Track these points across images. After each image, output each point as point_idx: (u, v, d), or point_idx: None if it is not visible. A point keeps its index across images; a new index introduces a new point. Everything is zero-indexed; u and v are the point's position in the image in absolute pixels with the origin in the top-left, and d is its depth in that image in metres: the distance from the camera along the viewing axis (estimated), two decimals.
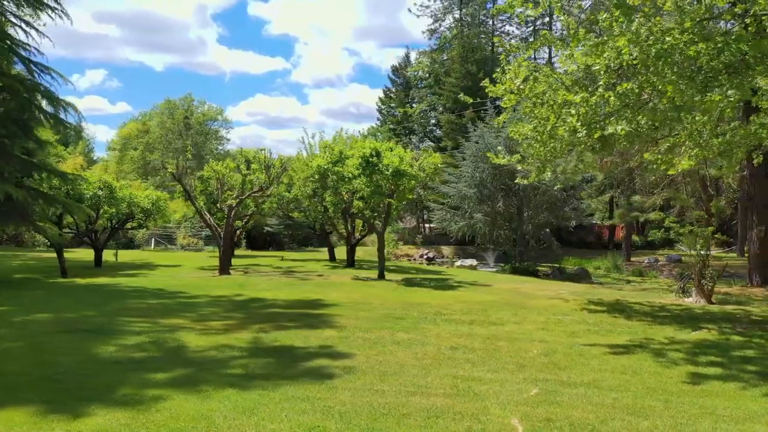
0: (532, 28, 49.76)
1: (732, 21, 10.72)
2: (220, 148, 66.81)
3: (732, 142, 12.23)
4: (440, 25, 52.15)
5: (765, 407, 5.71)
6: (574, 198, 27.76)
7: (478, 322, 10.72)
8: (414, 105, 52.49)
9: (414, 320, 10.73)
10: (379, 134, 51.21)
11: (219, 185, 19.81)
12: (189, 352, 7.57)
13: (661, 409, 5.54)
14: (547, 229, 28.28)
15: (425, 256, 40.93)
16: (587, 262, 33.57)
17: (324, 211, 23.09)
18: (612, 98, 11.08)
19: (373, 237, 26.44)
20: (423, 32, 60.11)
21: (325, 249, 41.35)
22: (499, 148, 19.03)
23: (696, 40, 9.76)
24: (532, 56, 28.12)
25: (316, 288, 15.46)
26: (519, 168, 15.09)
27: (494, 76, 13.20)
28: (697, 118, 9.64)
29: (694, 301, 14.79)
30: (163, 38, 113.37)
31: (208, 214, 18.72)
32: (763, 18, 10.15)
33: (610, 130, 10.98)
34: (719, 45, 9.08)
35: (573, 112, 11.51)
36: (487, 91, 13.94)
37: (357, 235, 24.02)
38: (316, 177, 19.10)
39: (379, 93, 58.19)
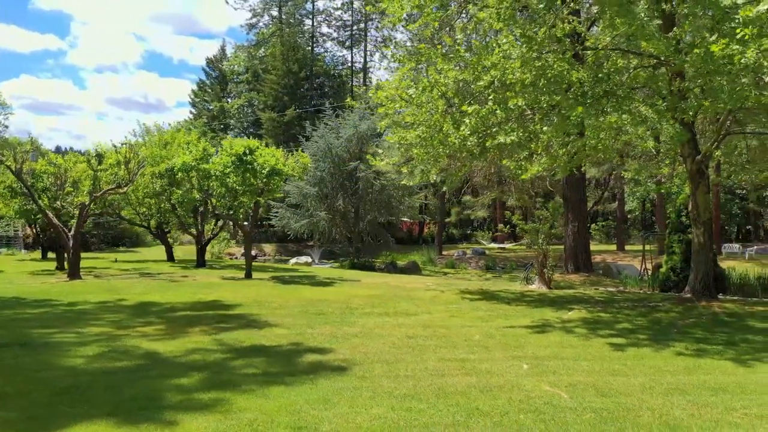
0: (349, 32, 51.74)
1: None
2: None
3: (572, 153, 14.70)
4: (259, 21, 51.71)
5: (683, 363, 7.48)
6: (406, 197, 29.95)
7: (393, 314, 11.59)
8: (231, 100, 51.28)
9: (336, 315, 11.24)
10: (193, 128, 49.12)
11: (59, 181, 17.87)
12: (172, 357, 7.32)
13: (627, 371, 6.98)
14: (382, 227, 30.10)
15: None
16: (404, 256, 36.22)
17: (172, 210, 22.01)
18: (498, 111, 12.73)
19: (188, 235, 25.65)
20: (242, 26, 59.06)
21: (142, 249, 38.88)
22: (379, 150, 20.03)
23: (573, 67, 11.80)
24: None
25: (199, 290, 14.97)
26: (404, 171, 16.20)
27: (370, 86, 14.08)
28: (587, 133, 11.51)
29: (537, 287, 17.29)
30: None
31: (51, 213, 16.75)
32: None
33: (500, 139, 12.60)
34: (599, 74, 11.13)
35: (467, 121, 12.88)
36: (370, 94, 14.85)
37: (208, 234, 23.26)
38: (178, 174, 18.28)
39: (174, 83, 55.63)
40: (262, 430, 4.69)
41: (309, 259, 32.78)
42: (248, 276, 18.47)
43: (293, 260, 32.98)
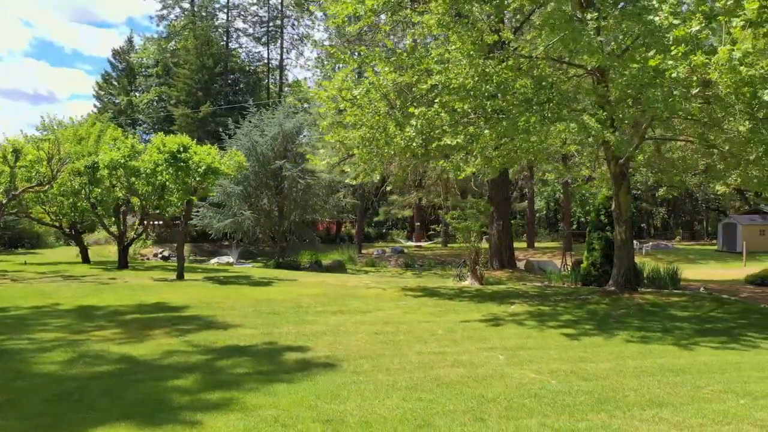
0: (266, 28, 50.94)
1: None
2: None
3: (505, 154, 15.54)
4: (170, 13, 49.77)
5: (636, 349, 8.24)
6: (332, 197, 30.07)
7: (348, 312, 11.80)
8: (139, 94, 49.09)
9: (292, 315, 11.27)
10: (98, 122, 46.60)
11: None
12: (151, 360, 7.16)
13: (592, 358, 7.61)
14: (306, 226, 30.05)
15: (160, 255, 39.37)
16: (324, 255, 36.33)
17: (92, 209, 20.90)
18: (443, 114, 13.26)
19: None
20: (151, 17, 56.49)
21: (45, 251, 36.57)
22: (322, 150, 19.92)
23: (520, 76, 12.52)
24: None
25: (136, 292, 14.40)
26: (347, 170, 16.34)
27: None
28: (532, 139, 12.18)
29: (470, 283, 18.03)
30: None
31: None
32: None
33: (447, 141, 13.10)
34: (543, 83, 11.88)
35: (413, 123, 13.27)
36: (312, 93, 14.92)
37: (132, 234, 22.22)
38: (104, 171, 17.46)
39: (66, 73, 52.73)
40: (291, 424, 4.79)
41: (231, 259, 32.11)
42: (180, 277, 17.93)
43: (214, 260, 32.18)
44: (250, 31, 51.56)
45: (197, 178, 17.16)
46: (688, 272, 21.29)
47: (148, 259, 36.34)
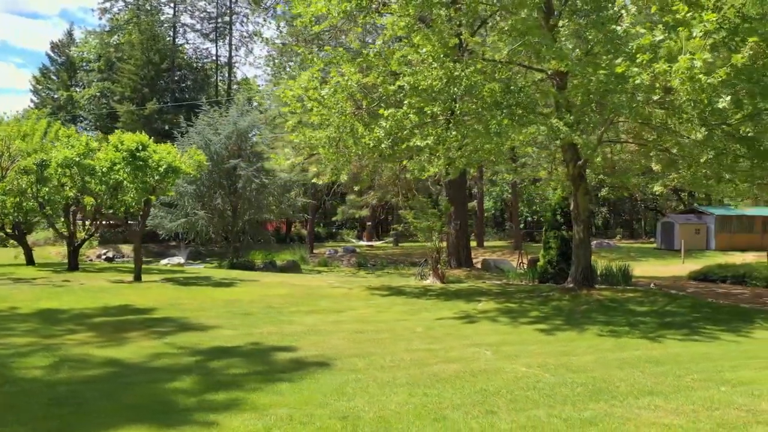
0: (214, 24, 49.98)
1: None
2: None
3: (468, 156, 15.91)
4: (113, 6, 48.12)
5: (610, 342, 8.65)
6: (285, 195, 29.88)
7: (321, 312, 11.84)
8: (81, 89, 47.28)
9: (265, 315, 11.23)
10: (42, 118, 44.68)
11: None
12: (140, 363, 7.02)
13: (573, 352, 7.94)
14: (260, 226, 29.75)
15: (104, 256, 38.31)
16: (275, 255, 36.03)
17: (40, 208, 20.06)
18: (412, 115, 13.46)
19: None
20: (94, 10, 54.29)
21: None
22: (287, 150, 19.66)
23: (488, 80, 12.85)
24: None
25: (96, 294, 13.94)
26: (314, 169, 16.30)
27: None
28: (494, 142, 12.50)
29: (431, 282, 18.31)
30: None
31: None
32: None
33: (417, 143, 13.32)
34: (511, 87, 12.24)
35: (383, 124, 13.41)
36: (278, 93, 14.88)
37: (83, 235, 21.41)
38: (57, 169, 16.82)
39: None
40: (308, 422, 4.84)
41: (181, 260, 31.44)
42: (138, 279, 17.46)
43: (165, 261, 31.39)
44: (198, 26, 50.58)
45: (157, 177, 16.78)
46: (633, 269, 22.28)
47: (91, 260, 35.11)
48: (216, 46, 50.33)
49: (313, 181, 16.84)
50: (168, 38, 47.80)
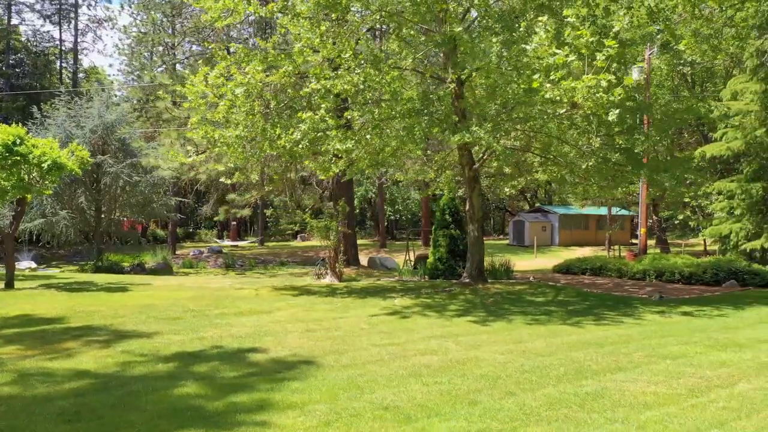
0: (57, 5, 45.44)
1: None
2: None
3: (371, 158, 16.51)
4: None
5: (544, 329, 9.66)
6: (162, 195, 28.39)
7: (249, 313, 11.70)
8: None
9: (196, 319, 10.86)
10: None
11: None
12: (119, 373, 6.64)
13: (523, 339, 8.79)
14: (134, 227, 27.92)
15: None
16: (134, 256, 33.90)
17: None
18: (329, 119, 13.78)
19: None
20: None
21: None
22: (189, 148, 18.43)
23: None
24: None
25: None
26: (220, 168, 15.78)
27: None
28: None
29: (330, 281, 18.63)
30: None
31: None
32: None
33: (337, 146, 13.62)
34: (430, 95, 13.01)
35: (301, 126, 13.55)
36: (182, 90, 14.51)
37: None
38: None
39: None
40: (357, 414, 5.06)
41: (32, 264, 28.49)
42: (10, 286, 15.75)
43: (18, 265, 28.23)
44: (38, 6, 45.70)
45: (35, 174, 15.32)
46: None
47: None
48: (60, 29, 45.86)
49: (221, 180, 16.32)
50: (2, 17, 42.74)
